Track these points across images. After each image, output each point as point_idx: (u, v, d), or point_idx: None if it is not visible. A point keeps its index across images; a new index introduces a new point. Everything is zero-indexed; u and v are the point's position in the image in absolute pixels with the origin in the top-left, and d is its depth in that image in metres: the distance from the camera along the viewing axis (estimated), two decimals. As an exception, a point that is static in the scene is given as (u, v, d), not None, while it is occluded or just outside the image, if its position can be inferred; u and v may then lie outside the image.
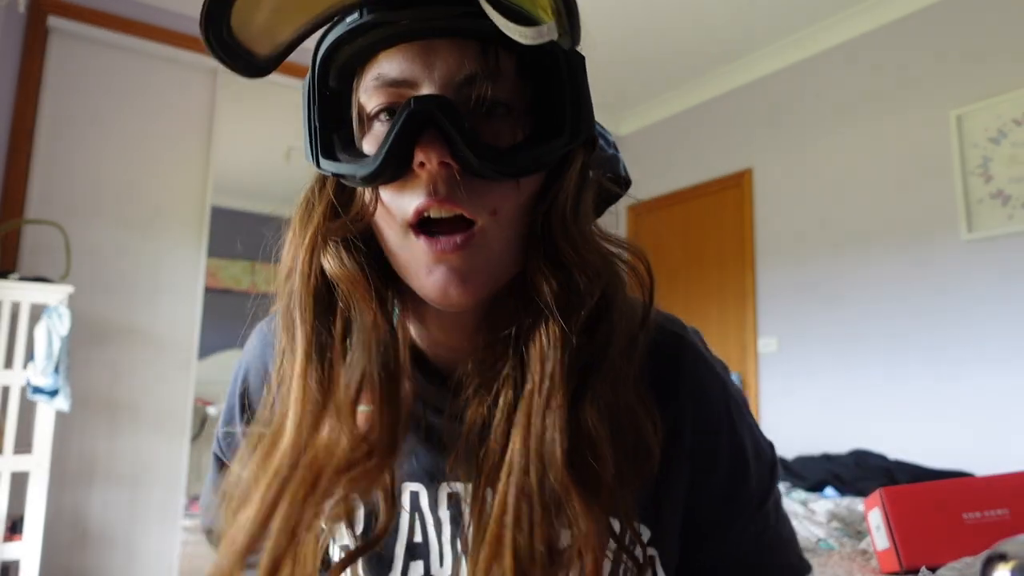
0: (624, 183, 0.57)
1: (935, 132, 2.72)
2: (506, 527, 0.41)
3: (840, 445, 2.51)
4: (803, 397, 3.04)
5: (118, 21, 2.77)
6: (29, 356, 2.16)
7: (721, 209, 3.62)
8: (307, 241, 0.46)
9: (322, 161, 0.45)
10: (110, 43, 2.78)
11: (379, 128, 0.45)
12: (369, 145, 0.45)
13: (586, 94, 0.45)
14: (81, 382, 2.43)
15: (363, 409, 0.44)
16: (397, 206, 0.44)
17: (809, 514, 1.57)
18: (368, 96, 0.45)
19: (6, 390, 2.15)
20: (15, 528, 2.17)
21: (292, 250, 0.47)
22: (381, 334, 0.45)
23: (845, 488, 1.93)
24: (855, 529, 1.45)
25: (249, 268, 5.61)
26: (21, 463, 2.12)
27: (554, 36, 0.38)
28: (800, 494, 1.89)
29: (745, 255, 3.46)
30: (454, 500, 0.50)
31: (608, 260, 0.47)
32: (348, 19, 0.43)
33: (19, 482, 2.14)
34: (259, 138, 4.21)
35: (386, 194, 0.45)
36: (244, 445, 0.47)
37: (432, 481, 0.51)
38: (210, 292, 3.06)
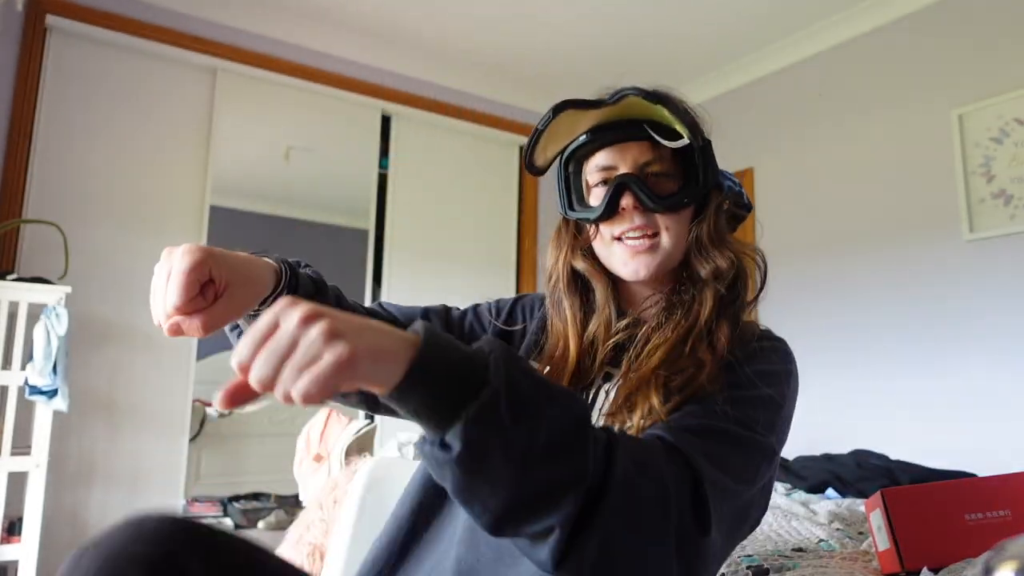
0: (746, 207, 0.93)
1: (936, 131, 2.71)
2: (640, 379, 0.75)
3: (841, 445, 2.50)
4: (803, 397, 3.01)
5: (117, 20, 2.77)
6: (27, 356, 2.16)
7: (721, 209, 3.61)
8: (563, 254, 0.87)
9: (568, 212, 0.87)
10: (109, 42, 2.77)
11: (598, 191, 0.84)
12: (594, 200, 0.84)
13: (712, 160, 0.82)
14: (80, 382, 2.43)
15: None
16: (610, 232, 0.83)
17: (810, 515, 1.56)
18: (591, 175, 0.84)
19: (4, 390, 2.15)
20: (13, 529, 2.17)
21: (553, 260, 0.88)
22: (606, 302, 0.84)
23: (846, 489, 1.91)
24: (856, 530, 1.44)
25: (249, 268, 5.59)
26: (19, 463, 2.12)
27: (686, 142, 0.79)
28: (801, 495, 1.88)
29: (746, 255, 3.45)
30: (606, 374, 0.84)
31: (739, 255, 0.82)
32: (580, 138, 0.83)
33: (17, 482, 2.14)
34: (259, 138, 4.19)
35: (602, 226, 0.83)
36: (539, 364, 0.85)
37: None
38: (209, 292, 3.05)
